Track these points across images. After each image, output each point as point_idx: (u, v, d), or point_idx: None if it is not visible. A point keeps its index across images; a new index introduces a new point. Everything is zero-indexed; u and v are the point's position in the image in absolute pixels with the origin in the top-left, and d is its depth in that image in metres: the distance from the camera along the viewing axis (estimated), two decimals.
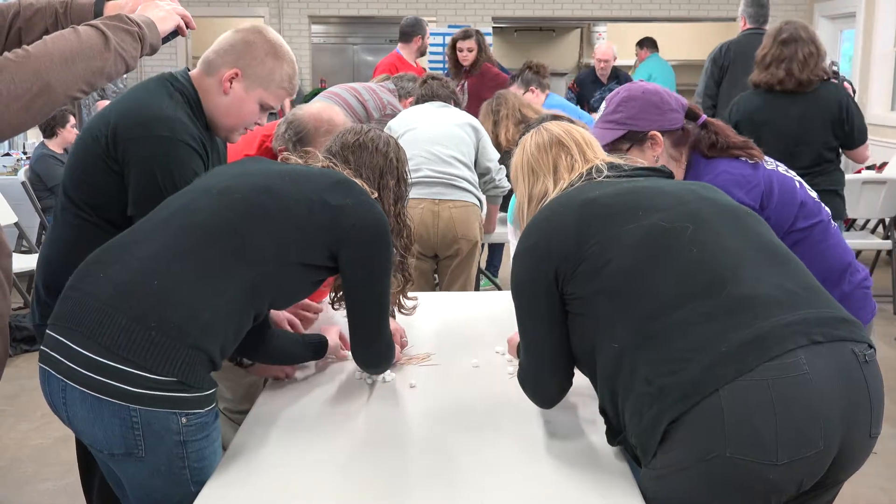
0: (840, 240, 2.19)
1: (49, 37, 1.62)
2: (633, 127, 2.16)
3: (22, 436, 3.75)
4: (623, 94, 2.21)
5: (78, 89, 1.64)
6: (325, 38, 11.56)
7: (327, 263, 1.85)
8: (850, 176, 6.21)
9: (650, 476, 1.53)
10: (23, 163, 6.27)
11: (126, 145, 2.00)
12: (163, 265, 1.68)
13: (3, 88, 1.52)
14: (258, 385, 2.47)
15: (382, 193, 2.03)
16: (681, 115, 2.19)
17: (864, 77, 8.55)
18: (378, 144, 2.05)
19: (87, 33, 1.65)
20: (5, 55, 1.56)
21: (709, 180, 2.08)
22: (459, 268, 3.99)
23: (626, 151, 2.14)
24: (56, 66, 1.58)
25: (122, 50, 1.70)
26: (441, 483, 1.64)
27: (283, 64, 2.12)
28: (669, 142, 2.19)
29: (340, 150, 2.04)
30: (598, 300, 1.60)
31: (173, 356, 1.61)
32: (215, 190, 1.80)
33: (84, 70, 1.63)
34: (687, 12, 10.28)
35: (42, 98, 1.57)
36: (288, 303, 1.96)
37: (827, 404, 1.43)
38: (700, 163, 2.18)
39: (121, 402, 1.59)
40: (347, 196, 1.84)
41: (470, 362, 2.25)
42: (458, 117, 4.01)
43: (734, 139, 2.19)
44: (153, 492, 1.69)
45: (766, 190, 2.11)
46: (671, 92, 2.22)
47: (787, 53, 3.76)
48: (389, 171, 2.05)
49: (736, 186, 2.08)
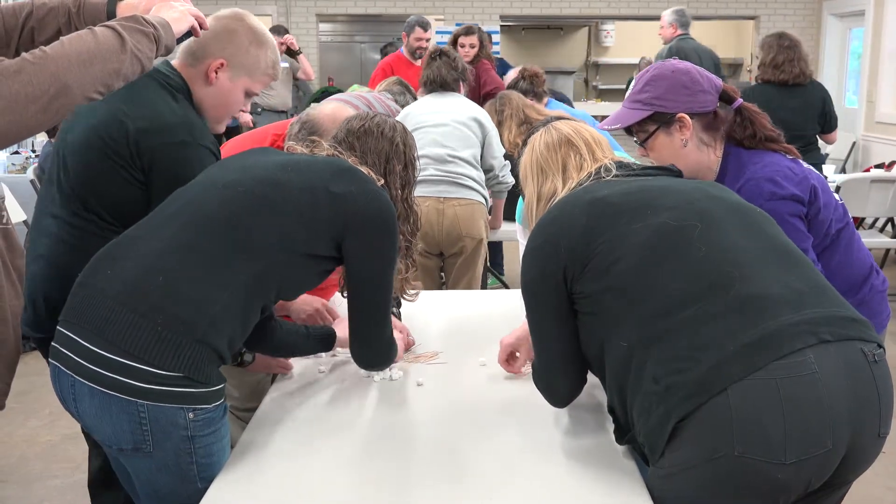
0: (862, 243, 2.12)
1: (66, 38, 1.62)
2: (661, 108, 2.03)
3: (31, 433, 3.77)
4: (652, 72, 2.07)
5: (95, 91, 1.63)
6: (332, 36, 11.57)
7: (332, 254, 1.84)
8: (859, 175, 6.21)
9: (658, 475, 1.53)
10: (31, 161, 6.29)
11: (152, 154, 1.99)
12: (169, 260, 1.68)
13: (22, 90, 1.52)
14: (266, 383, 2.47)
15: (389, 178, 1.99)
16: (713, 97, 2.04)
17: (873, 75, 8.52)
18: (384, 129, 2.02)
19: (103, 34, 1.64)
20: (23, 56, 1.56)
21: (755, 170, 2.00)
22: (464, 265, 3.99)
23: (652, 133, 2.05)
24: (74, 68, 1.58)
25: (139, 51, 1.69)
26: (448, 481, 1.64)
27: (266, 51, 2.13)
28: (700, 125, 2.05)
29: (346, 136, 2.02)
30: (607, 299, 1.60)
31: (180, 351, 1.61)
32: (220, 183, 1.80)
33: (101, 71, 1.62)
34: (695, 10, 10.24)
35: (60, 100, 1.57)
36: (294, 294, 1.95)
37: (835, 404, 1.43)
38: (741, 153, 2.06)
39: (128, 398, 1.60)
40: (352, 184, 1.83)
41: (477, 361, 2.25)
42: (463, 112, 3.98)
43: (770, 130, 2.07)
44: (161, 487, 1.69)
45: (812, 186, 2.01)
46: (704, 71, 2.07)
47: (793, 55, 4.78)
48: (396, 155, 2.02)
49: (786, 177, 1.99)
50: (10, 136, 1.55)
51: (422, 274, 4.01)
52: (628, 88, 2.51)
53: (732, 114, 2.07)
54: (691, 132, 2.04)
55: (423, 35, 6.20)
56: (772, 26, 10.17)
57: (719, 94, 2.06)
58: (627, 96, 2.14)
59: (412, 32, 6.20)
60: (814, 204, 2.01)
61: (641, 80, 2.09)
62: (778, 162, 2.03)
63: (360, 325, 1.93)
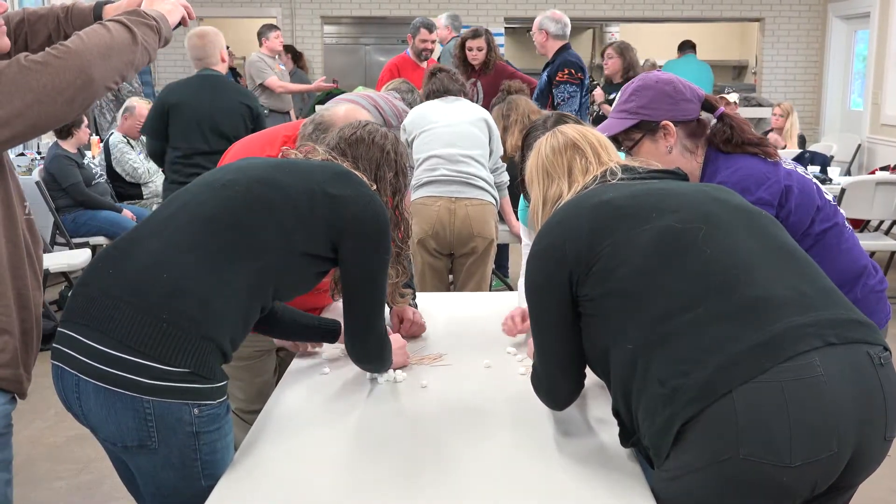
0: (855, 243, 2.15)
1: (83, 32, 1.70)
2: (646, 116, 2.12)
3: (36, 434, 3.77)
4: (637, 83, 2.18)
5: (113, 81, 1.72)
6: (337, 38, 11.57)
7: (329, 255, 1.87)
8: (864, 177, 6.20)
9: (663, 478, 1.53)
10: (37, 163, 6.30)
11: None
12: (171, 258, 1.70)
13: (49, 82, 1.60)
14: (270, 385, 2.48)
15: (380, 185, 2.04)
16: (696, 105, 2.15)
17: (878, 78, 8.51)
18: (375, 138, 2.07)
19: (116, 29, 1.73)
20: (47, 51, 1.64)
21: (727, 175, 2.06)
22: (475, 265, 4.00)
23: (638, 141, 2.13)
24: (96, 61, 1.66)
25: (147, 43, 1.78)
26: (452, 483, 1.64)
27: None
28: (684, 133, 2.15)
29: (338, 143, 2.07)
30: (612, 301, 1.60)
31: (185, 347, 1.63)
32: (218, 184, 1.83)
33: (118, 63, 1.71)
34: (700, 12, 10.25)
35: (85, 91, 1.65)
36: (292, 294, 1.97)
37: (841, 407, 1.42)
38: (718, 157, 2.14)
39: (134, 394, 1.61)
40: (348, 187, 1.87)
41: (482, 363, 2.25)
42: (471, 113, 4.01)
43: (750, 135, 2.14)
44: (164, 485, 1.70)
45: (784, 189, 2.07)
46: (687, 82, 2.18)
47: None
48: (387, 163, 2.06)
49: (754, 183, 2.05)
50: (39, 126, 1.65)
51: (430, 274, 4.02)
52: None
53: (716, 121, 2.16)
54: (675, 139, 2.13)
55: (429, 36, 6.21)
56: (777, 28, 10.17)
57: (701, 103, 2.16)
58: (614, 107, 2.23)
59: (417, 34, 6.21)
60: (784, 207, 2.06)
61: (627, 90, 2.19)
62: (750, 166, 2.09)
63: (353, 324, 1.97)
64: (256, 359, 2.46)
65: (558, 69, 5.44)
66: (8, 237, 1.73)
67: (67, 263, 5.15)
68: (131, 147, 6.46)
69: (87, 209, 5.81)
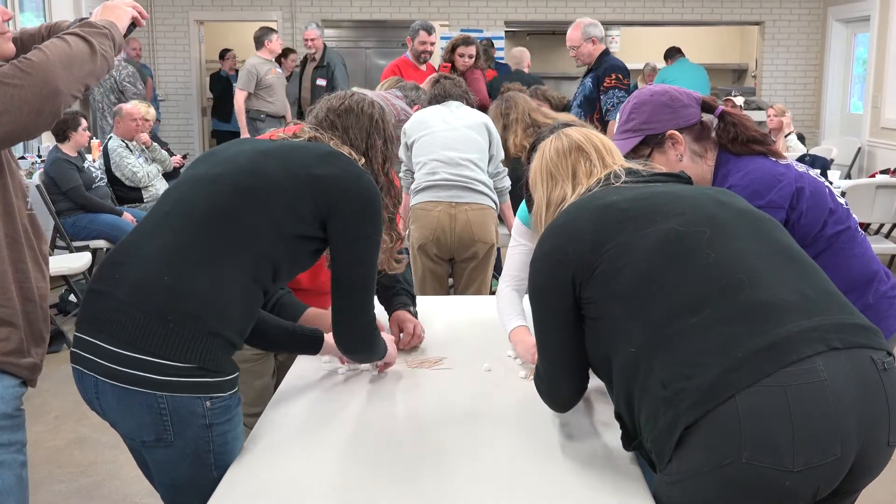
0: (867, 248, 2.12)
1: (43, 46, 1.74)
2: (650, 131, 2.14)
3: (36, 437, 3.76)
4: (633, 101, 2.19)
5: (77, 90, 1.76)
6: (337, 42, 11.56)
7: (320, 234, 1.88)
8: (864, 180, 6.20)
9: (665, 481, 1.52)
10: (37, 166, 6.31)
11: None
12: (171, 259, 1.76)
13: (17, 94, 1.64)
14: (269, 388, 2.48)
15: (370, 154, 2.05)
16: (696, 109, 2.15)
17: (878, 81, 8.51)
18: (363, 106, 2.07)
19: (73, 41, 1.78)
20: (13, 63, 1.68)
21: (738, 178, 2.06)
22: (476, 271, 4.00)
23: (648, 156, 2.13)
24: (59, 72, 1.70)
25: (104, 52, 1.83)
26: (453, 486, 1.64)
27: None
28: (690, 138, 2.15)
29: (326, 114, 2.07)
30: (615, 304, 1.59)
31: (194, 345, 1.69)
32: (206, 179, 1.87)
33: (80, 73, 1.76)
34: (700, 16, 10.26)
35: (51, 102, 1.69)
36: (292, 274, 1.97)
37: (844, 411, 1.42)
38: (728, 160, 2.13)
39: (148, 391, 1.68)
40: (335, 166, 1.89)
41: (482, 366, 2.25)
42: (472, 118, 4.01)
43: (753, 132, 2.13)
44: (178, 476, 1.77)
45: (796, 191, 2.05)
46: (681, 88, 2.18)
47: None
48: (376, 131, 2.07)
49: (765, 186, 2.04)
50: (9, 137, 1.69)
51: (431, 279, 4.02)
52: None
53: (717, 120, 2.16)
54: (684, 146, 2.13)
55: (428, 39, 6.24)
56: (777, 32, 10.18)
57: (700, 105, 2.16)
58: (616, 129, 2.23)
59: (416, 37, 6.24)
60: (795, 208, 2.04)
61: (625, 110, 2.20)
62: (761, 169, 2.08)
63: (342, 305, 1.95)
64: (255, 361, 2.46)
65: (605, 74, 5.31)
66: (7, 232, 1.78)
67: (68, 266, 5.14)
68: (130, 151, 6.46)
69: (88, 212, 5.81)
